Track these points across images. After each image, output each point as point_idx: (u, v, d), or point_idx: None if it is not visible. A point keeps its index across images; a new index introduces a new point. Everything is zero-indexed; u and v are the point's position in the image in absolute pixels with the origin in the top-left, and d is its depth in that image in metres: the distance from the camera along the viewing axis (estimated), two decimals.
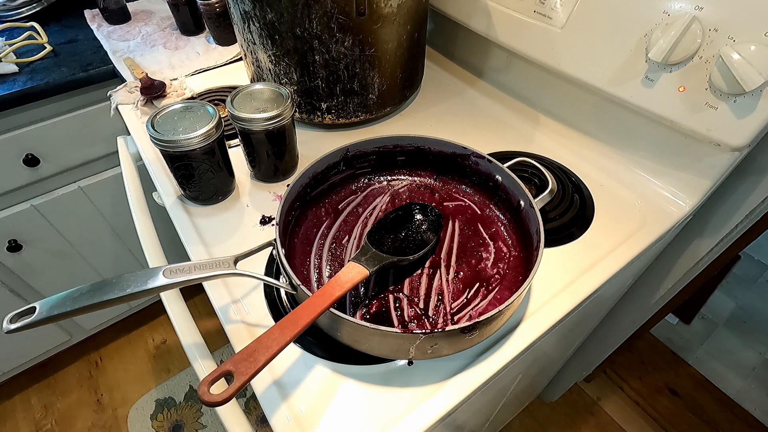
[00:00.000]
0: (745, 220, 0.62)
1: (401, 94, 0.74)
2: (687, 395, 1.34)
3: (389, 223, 0.51)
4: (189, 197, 0.61)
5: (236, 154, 0.66)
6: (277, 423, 0.40)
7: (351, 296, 0.48)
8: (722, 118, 0.49)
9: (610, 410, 1.32)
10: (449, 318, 0.46)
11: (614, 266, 0.53)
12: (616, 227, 0.58)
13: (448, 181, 0.60)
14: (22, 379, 1.33)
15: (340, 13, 0.58)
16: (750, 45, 0.44)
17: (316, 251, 0.52)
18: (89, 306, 0.37)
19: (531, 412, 1.32)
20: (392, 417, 0.41)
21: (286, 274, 0.41)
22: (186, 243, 0.57)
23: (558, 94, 0.71)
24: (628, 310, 0.91)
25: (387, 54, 0.66)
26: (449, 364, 0.44)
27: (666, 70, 0.52)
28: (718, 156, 0.55)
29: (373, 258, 0.45)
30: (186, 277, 0.40)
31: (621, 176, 0.64)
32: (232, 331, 0.47)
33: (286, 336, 0.35)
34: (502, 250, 0.52)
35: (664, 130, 0.58)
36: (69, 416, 1.30)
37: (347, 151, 0.56)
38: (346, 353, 0.44)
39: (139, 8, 1.11)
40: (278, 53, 0.63)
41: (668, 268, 0.77)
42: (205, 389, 0.31)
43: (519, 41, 0.68)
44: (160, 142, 0.53)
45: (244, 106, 0.57)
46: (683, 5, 0.48)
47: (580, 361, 1.15)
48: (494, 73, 0.82)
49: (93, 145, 1.00)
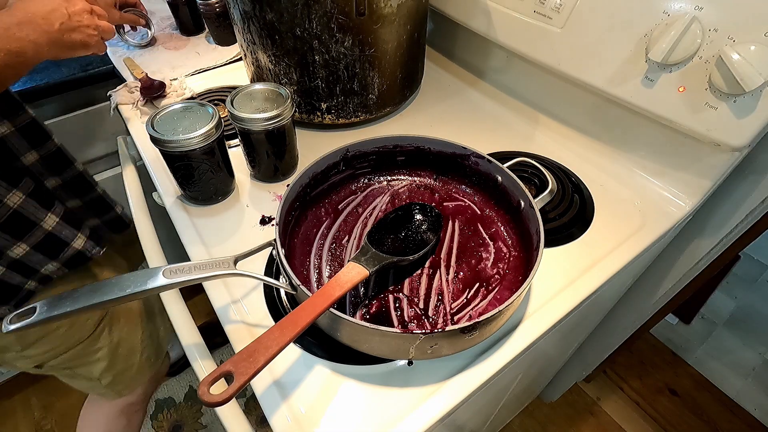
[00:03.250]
0: (745, 220, 0.62)
1: (401, 94, 0.74)
2: (687, 395, 1.34)
3: (389, 223, 0.51)
4: (189, 197, 0.61)
5: (236, 154, 0.66)
6: (277, 423, 0.40)
7: (351, 296, 0.48)
8: (722, 118, 0.49)
9: (610, 410, 1.32)
10: (449, 318, 0.46)
11: (614, 266, 0.53)
12: (616, 227, 0.58)
13: (448, 181, 0.60)
14: (22, 379, 1.33)
15: (340, 13, 0.58)
16: (750, 45, 0.44)
17: (316, 251, 0.52)
18: (89, 306, 0.37)
19: (531, 412, 1.32)
20: (392, 417, 0.41)
21: (286, 274, 0.41)
22: (186, 243, 0.57)
23: (558, 94, 0.71)
24: (628, 310, 0.91)
25: (387, 54, 0.66)
26: (449, 364, 0.44)
27: (666, 70, 0.52)
28: (718, 156, 0.55)
29: (372, 258, 0.45)
30: (186, 277, 0.40)
31: (621, 176, 0.64)
32: (232, 331, 0.47)
33: (286, 336, 0.35)
34: (502, 250, 0.52)
35: (664, 130, 0.58)
36: (69, 416, 1.30)
37: (347, 151, 0.56)
38: (346, 353, 0.44)
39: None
40: (278, 53, 0.63)
41: (668, 268, 0.77)
42: (205, 389, 0.31)
43: (519, 41, 0.68)
44: (160, 142, 0.53)
45: (244, 106, 0.57)
46: (683, 5, 0.48)
47: (580, 361, 1.15)
48: (494, 73, 0.82)
49: (93, 145, 1.00)
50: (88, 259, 0.66)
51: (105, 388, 0.79)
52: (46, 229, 0.59)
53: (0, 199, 0.54)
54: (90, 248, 0.66)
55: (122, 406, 0.87)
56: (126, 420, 0.89)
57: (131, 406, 0.88)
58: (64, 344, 0.69)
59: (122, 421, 0.89)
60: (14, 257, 0.57)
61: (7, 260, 0.57)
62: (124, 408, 0.87)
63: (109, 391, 0.81)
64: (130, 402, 0.87)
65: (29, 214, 0.57)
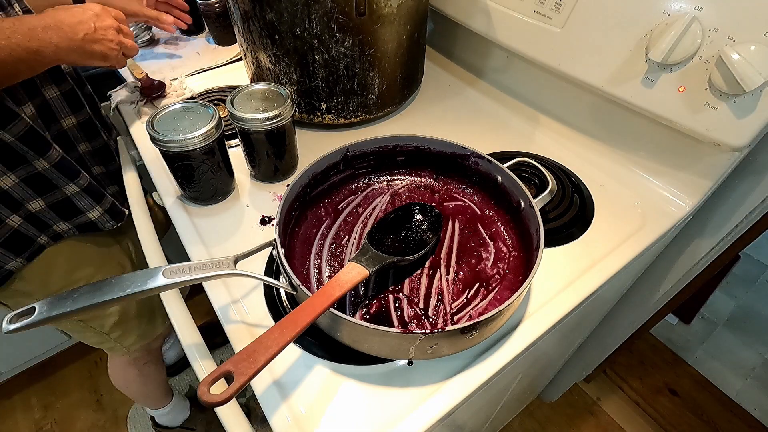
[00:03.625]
0: (745, 220, 0.62)
1: (401, 94, 0.74)
2: (687, 395, 1.34)
3: (389, 223, 0.51)
4: (189, 197, 0.61)
5: (236, 154, 0.66)
6: (277, 423, 0.40)
7: (351, 296, 0.48)
8: (722, 118, 0.49)
9: (610, 410, 1.32)
10: (449, 318, 0.46)
11: (614, 266, 0.53)
12: (616, 227, 0.58)
13: (448, 181, 0.60)
14: (22, 379, 1.33)
15: (340, 13, 0.58)
16: (750, 45, 0.44)
17: (316, 251, 0.52)
18: (89, 306, 0.37)
19: (531, 412, 1.32)
20: (392, 417, 0.41)
21: (286, 274, 0.41)
22: (186, 243, 0.57)
23: (558, 94, 0.71)
24: (628, 310, 0.91)
25: (387, 54, 0.66)
26: (449, 364, 0.44)
27: (666, 70, 0.52)
28: (718, 156, 0.55)
29: (372, 258, 0.45)
30: (186, 277, 0.40)
31: (621, 176, 0.64)
32: (232, 331, 0.47)
33: (286, 336, 0.35)
34: (502, 250, 0.52)
35: (664, 130, 0.58)
36: (69, 416, 1.30)
37: (347, 151, 0.56)
38: (346, 353, 0.44)
39: None
40: (278, 53, 0.63)
41: (668, 268, 0.77)
42: (205, 389, 0.31)
43: (519, 41, 0.68)
44: (160, 142, 0.53)
45: (244, 106, 0.57)
46: (683, 5, 0.48)
47: (580, 361, 1.15)
48: (494, 73, 0.82)
49: None
50: (100, 229, 0.70)
51: (114, 342, 0.83)
52: (66, 194, 0.63)
53: (31, 161, 0.58)
54: (104, 221, 0.69)
55: (128, 360, 0.93)
56: (137, 370, 0.96)
57: (137, 360, 0.94)
58: None
59: (133, 371, 0.96)
60: (32, 211, 0.61)
61: (26, 212, 0.61)
62: (131, 361, 0.93)
63: (118, 345, 0.84)
64: (135, 357, 0.92)
65: (55, 179, 0.61)
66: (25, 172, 0.58)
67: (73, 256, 0.70)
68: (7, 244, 0.61)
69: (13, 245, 0.62)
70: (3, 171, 0.56)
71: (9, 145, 0.55)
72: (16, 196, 0.59)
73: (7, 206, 0.59)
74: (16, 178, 0.57)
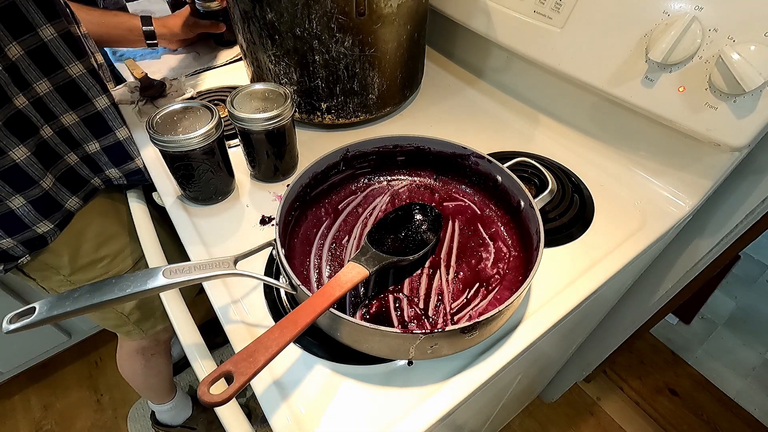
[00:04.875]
0: (745, 220, 0.62)
1: (401, 94, 0.74)
2: (687, 395, 1.34)
3: (389, 223, 0.51)
4: (189, 197, 0.61)
5: (236, 154, 0.66)
6: (277, 423, 0.40)
7: (351, 296, 0.48)
8: (722, 118, 0.49)
9: (610, 410, 1.32)
10: (449, 318, 0.46)
11: (614, 266, 0.53)
12: (616, 227, 0.58)
13: (448, 181, 0.60)
14: (22, 379, 1.33)
15: (340, 13, 0.58)
16: (750, 45, 0.44)
17: (316, 251, 0.52)
18: (89, 306, 0.37)
19: (531, 412, 1.32)
20: (392, 417, 0.41)
21: (286, 274, 0.41)
22: (186, 243, 0.57)
23: (558, 94, 0.71)
24: (628, 310, 0.91)
25: (387, 54, 0.66)
26: (449, 364, 0.44)
27: (666, 70, 0.52)
28: (718, 156, 0.55)
29: (372, 258, 0.45)
30: (186, 277, 0.40)
31: (621, 176, 0.64)
32: (232, 331, 0.47)
33: (285, 336, 0.35)
34: (502, 250, 0.52)
35: (664, 130, 0.58)
36: (69, 416, 1.30)
37: (347, 151, 0.56)
38: (346, 353, 0.44)
39: (138, 8, 1.10)
40: (278, 53, 0.63)
41: (668, 268, 0.77)
42: (204, 389, 0.31)
43: (519, 41, 0.68)
44: (160, 142, 0.53)
45: (244, 106, 0.57)
46: (683, 5, 0.48)
47: (580, 361, 1.15)
48: (494, 73, 0.82)
49: None
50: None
51: (132, 324, 0.84)
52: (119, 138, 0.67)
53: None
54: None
55: (137, 348, 0.94)
56: (144, 360, 0.97)
57: (146, 349, 0.95)
58: (107, 274, 0.74)
59: (140, 360, 0.97)
60: (89, 152, 0.65)
61: (83, 153, 0.65)
62: (139, 350, 0.94)
63: (136, 328, 0.85)
64: (144, 346, 0.93)
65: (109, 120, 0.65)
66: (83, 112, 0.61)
67: (102, 230, 0.71)
68: (37, 204, 0.60)
69: (46, 206, 0.61)
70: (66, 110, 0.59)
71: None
72: (74, 136, 0.62)
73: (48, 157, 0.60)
74: (77, 117, 0.61)
